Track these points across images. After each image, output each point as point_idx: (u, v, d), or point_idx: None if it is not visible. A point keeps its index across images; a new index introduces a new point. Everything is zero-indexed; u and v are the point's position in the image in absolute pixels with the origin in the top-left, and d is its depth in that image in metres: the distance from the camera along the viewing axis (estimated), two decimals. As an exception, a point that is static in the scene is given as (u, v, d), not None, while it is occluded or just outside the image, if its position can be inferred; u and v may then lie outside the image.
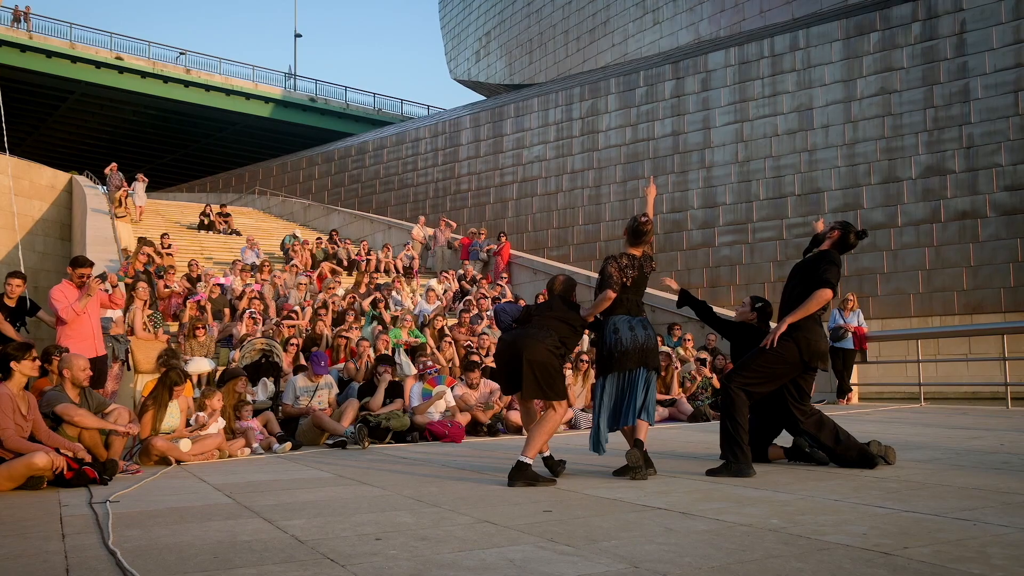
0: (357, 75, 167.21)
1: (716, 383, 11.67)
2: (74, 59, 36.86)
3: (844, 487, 4.47)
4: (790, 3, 23.22)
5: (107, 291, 8.56)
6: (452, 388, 9.40)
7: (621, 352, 5.08)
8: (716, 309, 15.78)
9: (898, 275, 16.90)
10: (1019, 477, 4.68)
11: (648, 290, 18.20)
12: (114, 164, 23.81)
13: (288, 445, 7.63)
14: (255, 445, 7.44)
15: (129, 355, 9.15)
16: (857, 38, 18.00)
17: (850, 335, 12.66)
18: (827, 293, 5.09)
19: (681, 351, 13.02)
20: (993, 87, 16.12)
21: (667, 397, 10.95)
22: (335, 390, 8.99)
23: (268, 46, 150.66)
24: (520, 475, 4.82)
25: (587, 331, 6.82)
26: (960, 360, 15.12)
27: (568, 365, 10.28)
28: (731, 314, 15.31)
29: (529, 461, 4.87)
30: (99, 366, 7.49)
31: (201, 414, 7.10)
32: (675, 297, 17.79)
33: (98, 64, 37.54)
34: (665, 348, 12.71)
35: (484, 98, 37.11)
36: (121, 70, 38.08)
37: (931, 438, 7.20)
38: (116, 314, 9.36)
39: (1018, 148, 15.75)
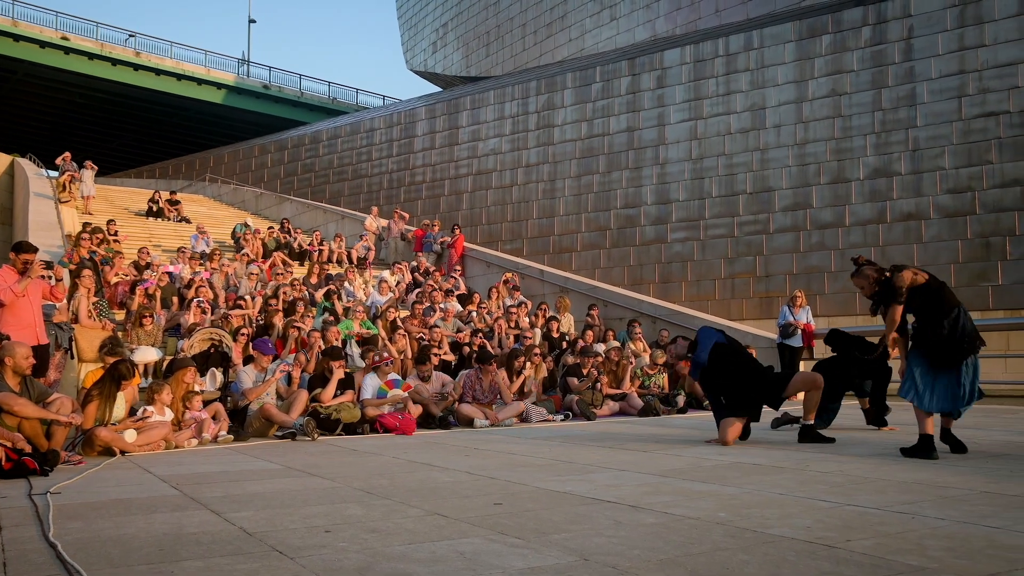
0: (312, 63, 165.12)
1: (665, 382, 11.79)
2: (16, 37, 35.71)
3: (790, 481, 4.56)
4: (745, 3, 23.49)
5: (49, 279, 8.33)
6: (405, 379, 9.37)
7: (968, 340, 5.50)
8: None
9: (845, 274, 17.17)
10: (954, 471, 4.83)
11: (602, 285, 18.13)
12: (67, 153, 23.07)
13: (231, 437, 7.60)
14: (204, 435, 7.34)
15: (73, 343, 8.94)
16: (809, 40, 18.29)
17: (800, 332, 12.90)
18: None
19: (632, 346, 13.11)
20: (938, 92, 16.50)
21: (618, 391, 11.04)
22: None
23: (221, 31, 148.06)
24: (808, 435, 6.50)
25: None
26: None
27: (522, 360, 10.29)
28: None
29: (811, 423, 6.55)
30: (41, 354, 7.30)
31: (150, 408, 6.96)
32: (628, 293, 17.83)
33: (42, 44, 36.43)
34: (616, 343, 12.79)
35: (440, 90, 36.92)
36: (67, 51, 37.02)
37: (873, 434, 7.43)
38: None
39: (961, 152, 16.16)
